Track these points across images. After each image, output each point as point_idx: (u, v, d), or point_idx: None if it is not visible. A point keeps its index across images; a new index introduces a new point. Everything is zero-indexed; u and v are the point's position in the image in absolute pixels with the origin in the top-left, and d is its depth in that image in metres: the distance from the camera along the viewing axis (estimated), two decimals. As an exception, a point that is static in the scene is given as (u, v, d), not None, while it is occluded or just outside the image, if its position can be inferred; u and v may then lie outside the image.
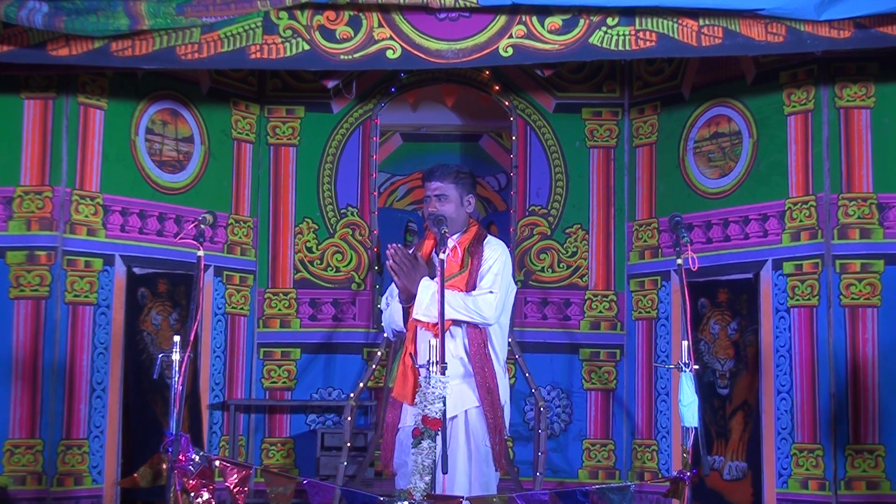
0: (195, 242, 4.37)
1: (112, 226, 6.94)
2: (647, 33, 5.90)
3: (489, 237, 4.84)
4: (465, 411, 4.59)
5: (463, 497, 4.15)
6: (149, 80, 7.14)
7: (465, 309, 4.54)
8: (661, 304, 7.50)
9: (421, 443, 4.15)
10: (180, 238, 6.89)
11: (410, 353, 4.58)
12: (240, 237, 7.73)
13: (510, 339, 6.98)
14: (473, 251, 4.71)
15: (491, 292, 4.62)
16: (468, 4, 5.83)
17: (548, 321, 7.77)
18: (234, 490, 4.10)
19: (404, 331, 4.70)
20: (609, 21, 5.92)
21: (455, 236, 4.73)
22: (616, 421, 7.68)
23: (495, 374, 4.65)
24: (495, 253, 4.74)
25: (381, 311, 4.91)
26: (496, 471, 4.62)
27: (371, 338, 7.76)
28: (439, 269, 4.38)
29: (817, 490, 6.50)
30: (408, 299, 4.59)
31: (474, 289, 4.62)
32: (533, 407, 7.25)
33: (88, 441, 6.73)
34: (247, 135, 7.87)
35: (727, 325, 7.01)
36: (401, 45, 5.99)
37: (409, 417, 4.56)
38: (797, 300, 6.69)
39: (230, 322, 7.64)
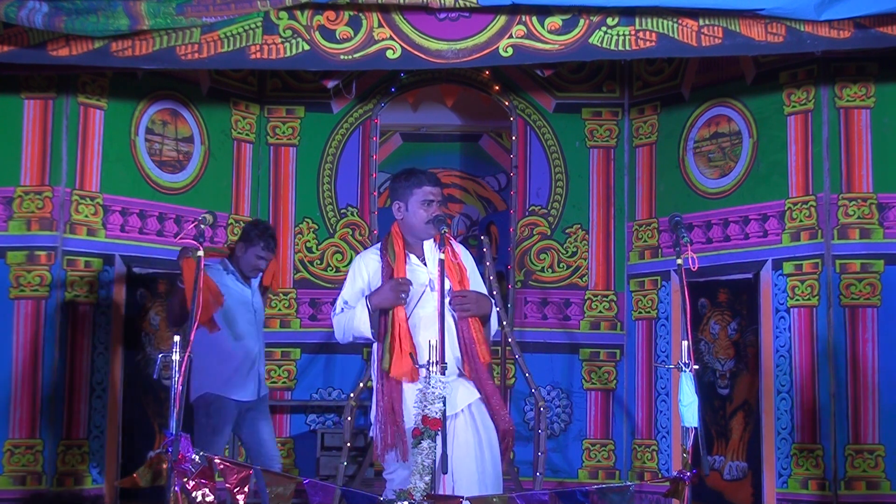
0: (195, 242, 4.36)
1: (112, 226, 6.94)
2: (647, 33, 5.90)
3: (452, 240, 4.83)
4: (469, 405, 4.58)
5: (463, 497, 4.14)
6: (149, 80, 7.14)
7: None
8: (661, 304, 7.50)
9: (421, 443, 4.15)
10: (180, 238, 6.87)
11: (410, 354, 4.56)
12: (240, 237, 7.72)
13: (510, 340, 6.99)
14: (456, 258, 4.72)
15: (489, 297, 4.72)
16: (468, 4, 5.83)
17: (548, 321, 7.77)
18: (234, 490, 4.10)
19: (370, 339, 4.66)
20: (609, 21, 5.92)
21: (438, 255, 4.63)
22: (616, 421, 7.68)
23: (490, 375, 4.65)
24: (469, 256, 4.78)
25: (333, 315, 4.80)
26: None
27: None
28: (439, 268, 4.37)
29: (817, 490, 6.50)
30: (378, 309, 4.56)
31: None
32: (533, 407, 7.25)
33: (88, 441, 6.73)
34: (247, 135, 7.87)
35: (727, 326, 7.01)
36: (401, 45, 5.99)
37: (411, 411, 4.45)
38: (797, 300, 6.69)
39: (230, 322, 7.62)
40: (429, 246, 4.63)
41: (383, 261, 4.64)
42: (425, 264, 4.62)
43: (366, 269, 4.68)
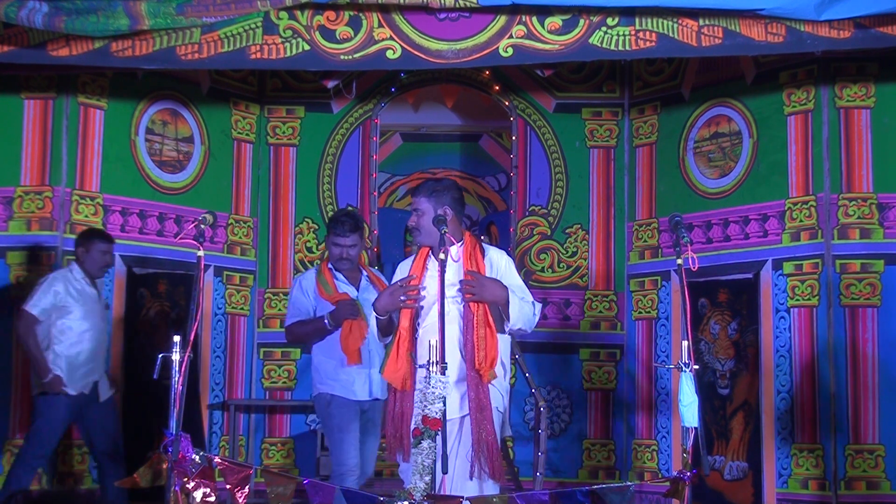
0: (195, 242, 4.37)
1: (112, 226, 6.94)
2: (647, 33, 5.90)
3: (486, 245, 4.81)
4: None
5: (463, 497, 4.15)
6: (149, 80, 7.14)
7: (529, 320, 4.60)
8: (661, 304, 7.49)
9: (421, 443, 4.15)
10: (180, 238, 6.89)
11: (411, 353, 4.57)
12: (240, 237, 7.73)
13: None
14: (475, 260, 4.68)
15: (534, 302, 4.66)
16: (468, 4, 5.82)
17: (548, 321, 7.77)
18: (234, 490, 4.10)
19: (386, 341, 4.75)
20: (609, 21, 5.91)
21: (439, 255, 4.64)
22: (616, 421, 7.68)
23: (486, 387, 4.57)
24: (503, 259, 4.74)
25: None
26: (495, 482, 4.55)
27: (371, 338, 7.75)
28: (440, 269, 4.37)
29: (817, 490, 6.50)
30: (385, 312, 4.65)
31: None
32: (533, 407, 7.24)
33: (88, 441, 6.73)
34: (247, 135, 7.87)
35: (727, 325, 7.01)
36: (401, 46, 5.99)
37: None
38: (797, 300, 6.69)
39: (230, 322, 7.64)
40: (452, 252, 4.61)
41: (410, 266, 4.76)
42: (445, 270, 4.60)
43: (399, 274, 4.82)
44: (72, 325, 6.04)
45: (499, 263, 4.69)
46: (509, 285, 4.58)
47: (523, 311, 4.55)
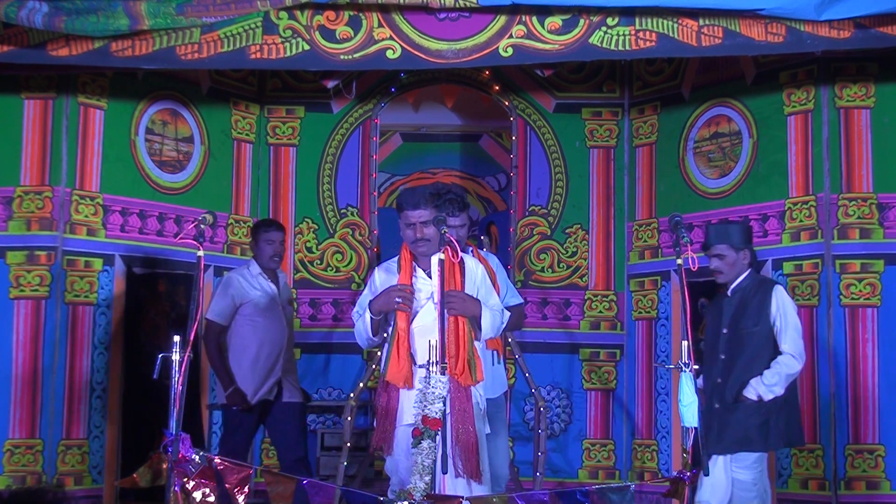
0: (195, 242, 4.38)
1: (112, 226, 6.94)
2: (647, 33, 5.90)
3: (463, 255, 4.85)
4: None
5: (463, 497, 4.15)
6: (149, 80, 7.14)
7: (497, 328, 4.73)
8: (661, 304, 7.49)
9: (421, 443, 4.16)
10: (180, 238, 6.88)
11: (410, 353, 4.59)
12: (240, 237, 7.72)
13: (510, 340, 7.00)
14: (454, 273, 4.75)
15: (503, 310, 4.78)
16: (468, 4, 5.83)
17: (548, 321, 7.77)
18: (234, 490, 4.11)
19: (376, 341, 4.81)
20: (609, 21, 5.92)
21: (438, 255, 4.67)
22: (616, 421, 7.67)
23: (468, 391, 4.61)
24: (479, 269, 4.81)
25: (354, 323, 4.89)
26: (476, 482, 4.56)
27: (371, 338, 7.75)
28: (439, 269, 4.39)
29: (817, 490, 6.50)
30: (379, 313, 4.70)
31: None
32: (533, 407, 7.24)
33: (88, 441, 6.73)
34: (247, 135, 7.87)
35: (727, 325, 6.99)
36: (401, 45, 5.99)
37: (407, 412, 4.50)
38: (797, 300, 6.65)
39: (230, 322, 7.62)
40: (436, 260, 4.64)
41: (394, 273, 4.77)
42: (430, 277, 4.66)
43: (378, 279, 4.82)
44: (247, 325, 6.02)
45: (475, 273, 4.77)
46: (482, 296, 4.70)
47: (494, 321, 4.69)
